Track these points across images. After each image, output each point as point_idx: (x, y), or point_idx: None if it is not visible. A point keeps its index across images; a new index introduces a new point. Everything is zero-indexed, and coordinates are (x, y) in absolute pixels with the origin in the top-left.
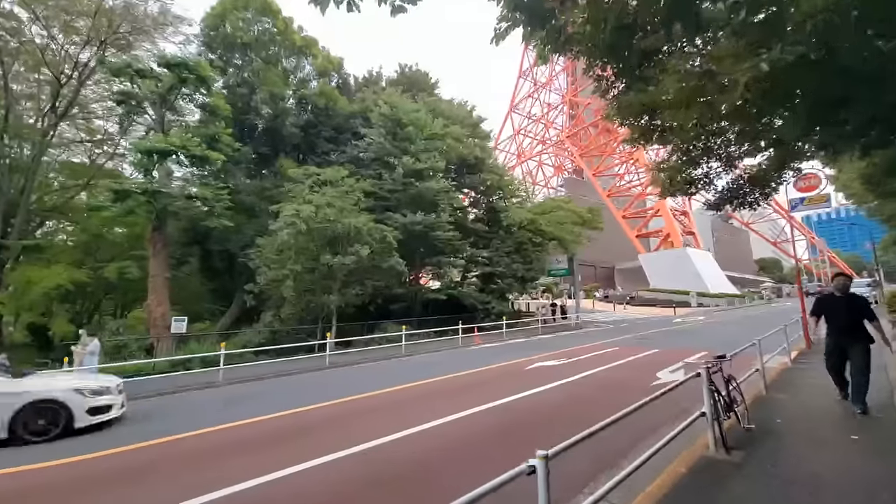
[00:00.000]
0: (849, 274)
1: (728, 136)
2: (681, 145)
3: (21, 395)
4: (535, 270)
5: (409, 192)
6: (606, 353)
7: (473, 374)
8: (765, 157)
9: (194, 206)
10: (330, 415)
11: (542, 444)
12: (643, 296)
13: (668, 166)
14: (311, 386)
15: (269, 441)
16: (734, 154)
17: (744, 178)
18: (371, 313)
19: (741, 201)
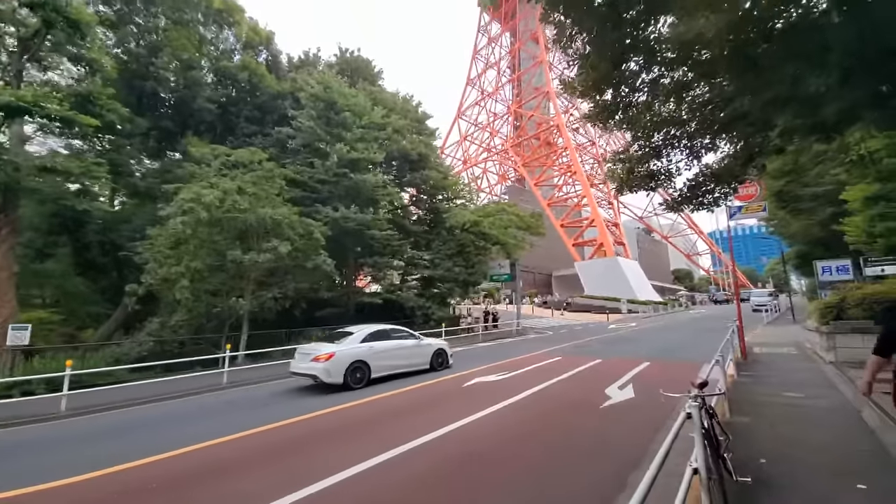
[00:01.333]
0: (746, 285)
1: (691, 125)
2: (643, 130)
3: None
4: (478, 275)
5: (342, 184)
6: (549, 364)
7: (405, 393)
8: (727, 153)
9: (57, 183)
10: (175, 472)
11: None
12: (578, 302)
13: (628, 156)
14: (184, 418)
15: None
16: (698, 146)
17: (706, 175)
18: (297, 319)
19: (701, 201)
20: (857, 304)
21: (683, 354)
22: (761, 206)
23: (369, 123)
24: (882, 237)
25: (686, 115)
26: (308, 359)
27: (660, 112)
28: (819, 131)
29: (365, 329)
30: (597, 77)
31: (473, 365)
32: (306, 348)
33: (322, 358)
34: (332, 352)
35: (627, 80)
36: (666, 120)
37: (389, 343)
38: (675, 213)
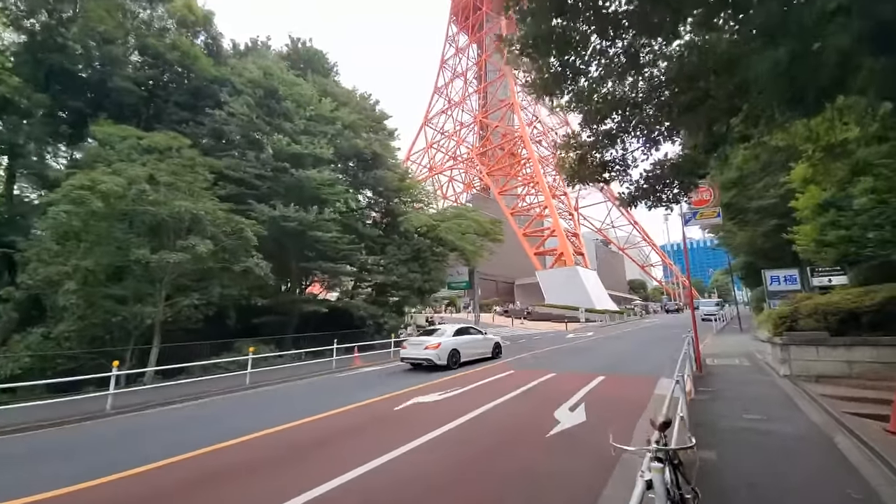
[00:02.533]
0: (695, 295)
1: (649, 108)
2: (595, 111)
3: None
4: (435, 282)
5: (282, 180)
6: (500, 379)
7: (325, 419)
8: (688, 142)
9: None
10: None
11: None
12: (539, 311)
13: (580, 142)
14: (36, 460)
15: None
16: (656, 133)
17: (665, 166)
18: (229, 329)
19: (659, 196)
20: (810, 315)
21: (638, 367)
22: (715, 213)
23: (316, 115)
24: (832, 246)
25: (642, 96)
26: (420, 348)
27: (613, 92)
28: (798, 105)
29: (453, 326)
30: (537, 33)
31: (417, 381)
32: (416, 341)
33: (433, 347)
34: (439, 342)
35: (574, 44)
36: (620, 100)
37: (469, 337)
38: (630, 207)
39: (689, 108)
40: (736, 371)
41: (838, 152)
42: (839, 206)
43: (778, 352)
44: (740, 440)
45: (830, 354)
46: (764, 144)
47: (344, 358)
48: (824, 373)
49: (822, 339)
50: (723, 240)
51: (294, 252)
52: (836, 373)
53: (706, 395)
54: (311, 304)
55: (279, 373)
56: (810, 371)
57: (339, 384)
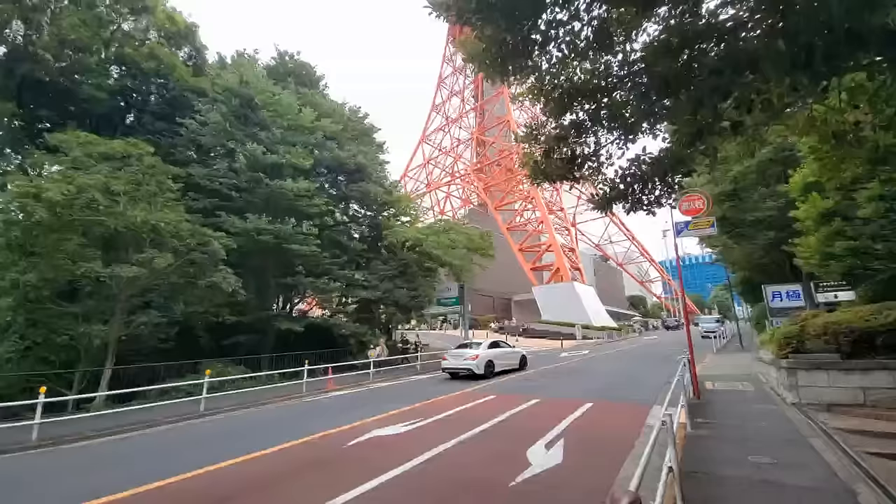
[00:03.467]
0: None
1: (620, 93)
2: (559, 98)
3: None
4: (422, 298)
5: (258, 191)
6: (477, 406)
7: (255, 460)
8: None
9: None
10: None
11: None
12: (535, 328)
13: (544, 133)
14: None
15: None
16: (632, 123)
17: (644, 163)
18: (203, 349)
19: (638, 198)
20: (819, 335)
21: (631, 392)
22: (710, 222)
23: (295, 125)
24: (838, 259)
25: (615, 80)
26: (461, 360)
27: (579, 75)
28: (802, 73)
29: (487, 341)
30: None
31: (385, 408)
32: (455, 353)
33: (472, 358)
34: (477, 354)
35: (526, 10)
36: (587, 85)
37: (500, 350)
38: (605, 211)
39: (669, 89)
40: (738, 398)
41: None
42: (844, 216)
43: (784, 376)
44: (747, 498)
45: (843, 380)
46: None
47: (317, 380)
48: (836, 401)
49: (834, 362)
50: (720, 255)
51: (272, 267)
52: (849, 401)
53: (704, 428)
54: (289, 322)
55: (240, 398)
56: (821, 399)
57: (301, 411)
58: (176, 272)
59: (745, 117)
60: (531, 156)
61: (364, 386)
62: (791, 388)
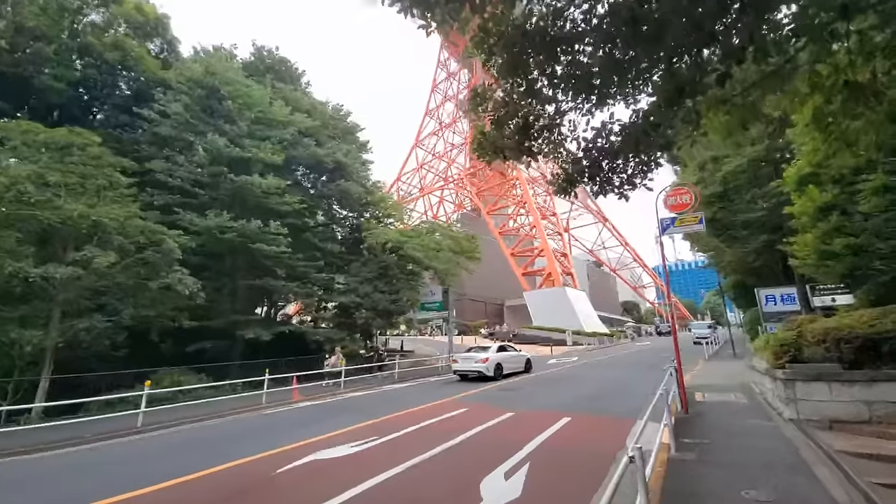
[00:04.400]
0: (687, 317)
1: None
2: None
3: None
4: (404, 303)
5: (222, 187)
6: (445, 422)
7: (177, 486)
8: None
9: None
10: None
11: None
12: (525, 333)
13: (492, 98)
14: None
15: None
16: (596, 82)
17: (611, 133)
18: (165, 356)
19: (608, 176)
20: (818, 342)
21: (616, 403)
22: (697, 218)
23: (265, 119)
24: (837, 258)
25: (574, 29)
26: (472, 362)
27: (532, 19)
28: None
29: (495, 345)
30: None
31: (345, 422)
32: (466, 356)
33: (483, 361)
34: (488, 357)
35: None
36: (543, 33)
37: (507, 353)
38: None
39: (642, 34)
40: (730, 411)
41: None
42: (843, 210)
43: (780, 388)
44: None
45: (846, 393)
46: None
47: (282, 390)
48: (839, 416)
49: (835, 373)
50: (712, 259)
51: (242, 269)
52: (853, 416)
53: (692, 451)
54: (257, 328)
55: (189, 411)
56: (822, 414)
57: (250, 427)
58: (124, 273)
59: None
60: (478, 127)
61: (334, 396)
62: (788, 401)
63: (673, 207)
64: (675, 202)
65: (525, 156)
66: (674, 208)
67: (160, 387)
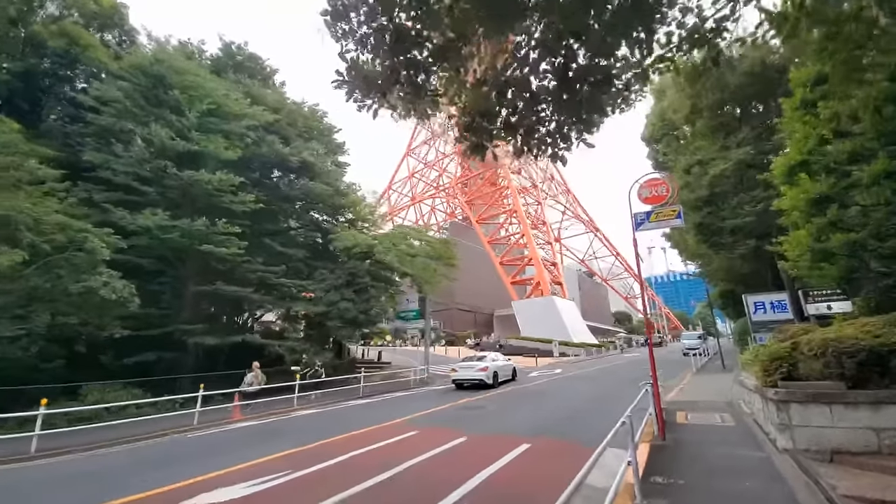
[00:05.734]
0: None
1: None
2: None
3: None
4: (375, 312)
5: (166, 184)
6: (384, 449)
7: None
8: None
9: None
10: None
11: None
12: (512, 344)
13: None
14: None
15: None
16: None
17: (526, 64)
18: (104, 366)
19: (528, 128)
20: (816, 356)
21: (587, 425)
22: (675, 212)
23: (219, 111)
24: (833, 259)
25: None
26: (472, 371)
27: None
28: None
29: (491, 354)
30: None
31: (265, 451)
32: (465, 365)
33: (483, 370)
34: (487, 366)
35: None
36: None
37: (500, 362)
38: (473, 155)
39: None
40: (715, 438)
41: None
42: (841, 203)
43: (773, 411)
44: None
45: (850, 417)
46: (714, 46)
47: (221, 408)
48: (842, 446)
49: (838, 393)
50: (700, 267)
51: (193, 274)
52: (859, 447)
53: (662, 497)
54: (210, 337)
55: (105, 433)
56: (822, 443)
57: (161, 453)
58: (41, 275)
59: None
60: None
61: (283, 414)
62: (783, 427)
63: (648, 200)
64: (650, 194)
65: (408, 103)
66: (649, 201)
67: (85, 403)
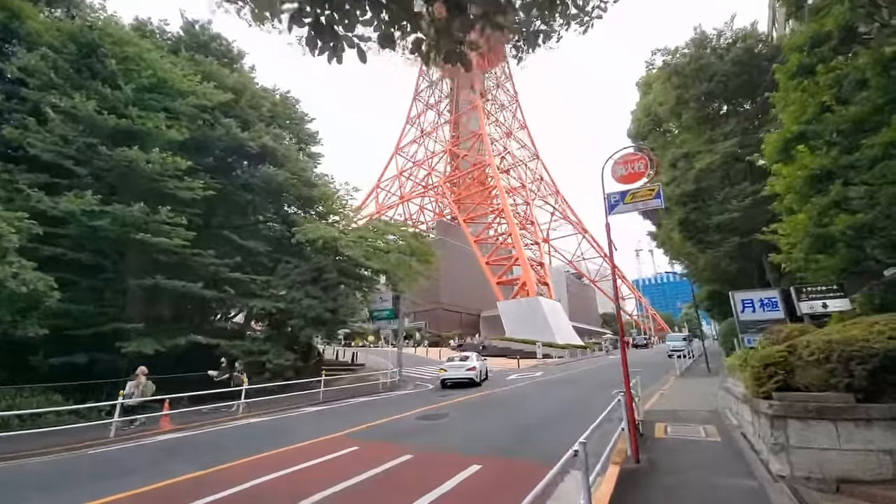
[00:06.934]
0: (665, 328)
1: None
2: None
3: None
4: (344, 310)
5: (97, 163)
6: (304, 472)
7: None
8: None
9: None
10: None
11: None
12: (497, 345)
13: None
14: None
15: None
16: None
17: None
18: (32, 370)
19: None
20: (817, 361)
21: (554, 439)
22: (654, 191)
23: (162, 87)
24: (830, 251)
25: None
26: (462, 370)
27: None
28: None
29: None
30: None
31: (165, 473)
32: (454, 365)
33: (472, 369)
34: (475, 366)
35: None
36: None
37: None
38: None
39: None
40: (698, 459)
41: None
42: (845, 180)
43: (765, 427)
44: None
45: (859, 437)
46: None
47: (151, 416)
48: (851, 473)
49: (845, 407)
50: (685, 267)
51: (132, 267)
52: (870, 473)
53: None
54: (148, 338)
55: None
56: (826, 469)
57: (34, 476)
58: None
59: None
60: None
61: (220, 424)
62: (778, 448)
63: (624, 179)
64: (626, 171)
65: None
66: (625, 180)
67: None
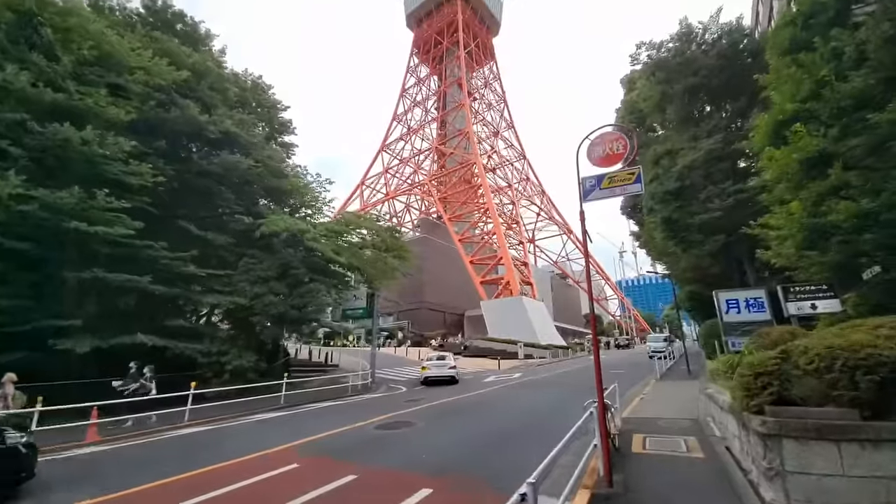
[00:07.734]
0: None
1: None
2: None
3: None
4: (312, 308)
5: (27, 142)
6: (220, 499)
7: None
8: None
9: None
10: None
11: None
12: (478, 345)
13: None
14: None
15: None
16: None
17: None
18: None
19: None
20: (817, 370)
21: (521, 453)
22: (634, 175)
23: (106, 60)
24: (824, 246)
25: None
26: (444, 369)
27: None
28: None
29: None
30: None
31: (62, 499)
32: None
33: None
34: (455, 365)
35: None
36: None
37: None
38: None
39: None
40: (678, 480)
41: None
42: (846, 164)
43: (757, 447)
44: None
45: (867, 461)
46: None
47: (78, 426)
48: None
49: (851, 426)
50: (667, 267)
51: (73, 259)
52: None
53: None
54: (83, 339)
55: None
56: (828, 499)
57: None
58: None
59: None
60: None
61: (159, 433)
62: (772, 473)
63: (602, 161)
64: (604, 153)
65: None
66: (603, 162)
67: None
